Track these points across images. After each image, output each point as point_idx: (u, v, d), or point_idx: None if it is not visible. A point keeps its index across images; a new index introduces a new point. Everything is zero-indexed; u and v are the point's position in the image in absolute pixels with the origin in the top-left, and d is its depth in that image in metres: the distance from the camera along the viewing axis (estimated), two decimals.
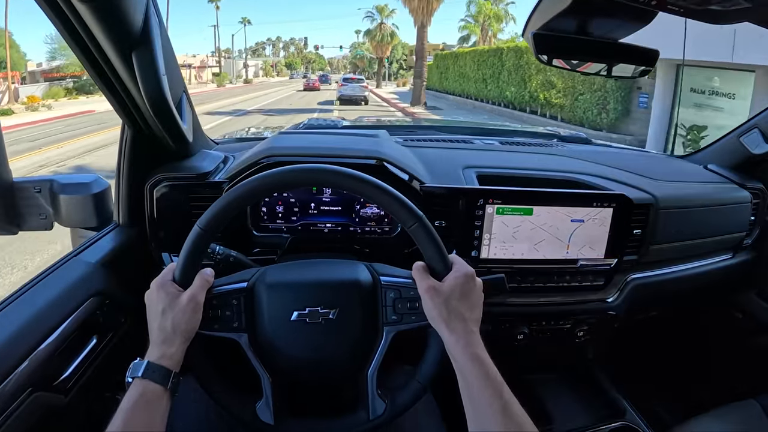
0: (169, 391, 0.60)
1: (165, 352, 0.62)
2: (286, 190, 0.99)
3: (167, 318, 0.63)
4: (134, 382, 0.59)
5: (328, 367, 0.71)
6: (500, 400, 0.57)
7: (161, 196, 0.96)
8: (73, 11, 0.67)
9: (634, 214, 1.07)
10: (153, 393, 0.59)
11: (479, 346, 0.62)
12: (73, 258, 0.90)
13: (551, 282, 1.06)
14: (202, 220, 0.65)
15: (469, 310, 0.64)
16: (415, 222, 0.65)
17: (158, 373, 0.60)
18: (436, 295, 0.64)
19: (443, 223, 0.98)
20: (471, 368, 0.59)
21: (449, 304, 0.63)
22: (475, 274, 0.67)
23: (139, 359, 0.61)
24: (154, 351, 0.62)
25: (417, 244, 0.66)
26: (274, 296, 0.68)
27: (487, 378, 0.58)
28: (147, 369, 0.60)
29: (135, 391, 0.58)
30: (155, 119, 0.84)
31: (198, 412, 0.83)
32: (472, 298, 0.65)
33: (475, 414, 0.58)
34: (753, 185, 1.32)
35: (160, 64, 0.76)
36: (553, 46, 0.93)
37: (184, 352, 0.64)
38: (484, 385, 0.58)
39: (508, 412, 0.56)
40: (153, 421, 0.58)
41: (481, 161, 1.14)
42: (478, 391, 0.58)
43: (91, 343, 0.81)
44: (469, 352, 0.60)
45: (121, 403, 0.58)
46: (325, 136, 1.25)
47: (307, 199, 1.01)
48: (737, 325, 1.42)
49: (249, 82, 44.57)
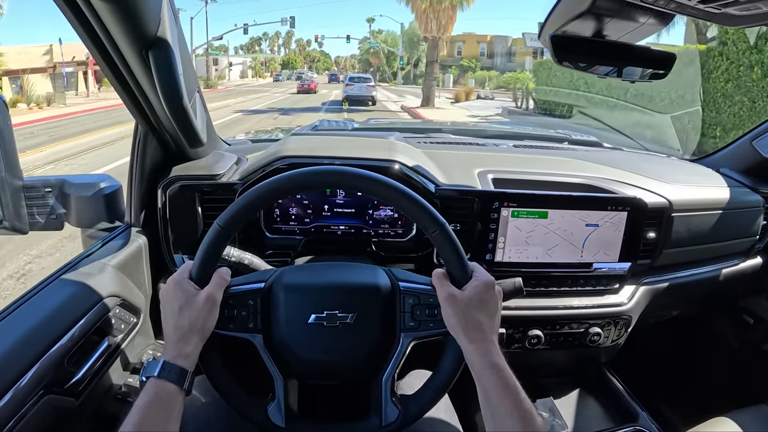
0: (183, 391, 0.59)
1: (181, 351, 0.61)
2: (307, 191, 0.98)
3: (184, 316, 0.62)
4: (149, 381, 0.58)
5: (342, 372, 0.70)
6: (520, 410, 0.56)
7: (174, 196, 0.96)
8: (90, 9, 0.66)
9: (649, 217, 1.07)
10: (168, 393, 0.58)
11: (498, 355, 0.61)
12: (84, 259, 0.89)
13: (565, 286, 1.06)
14: (222, 218, 0.64)
15: (488, 318, 0.63)
16: (437, 229, 0.65)
17: (174, 372, 0.59)
18: (455, 303, 0.63)
19: (458, 226, 0.97)
20: (489, 377, 0.59)
21: (468, 312, 0.63)
22: (494, 282, 0.66)
23: (154, 358, 0.61)
24: (169, 350, 0.61)
25: (438, 250, 0.66)
26: (291, 298, 0.67)
27: (506, 387, 0.58)
28: (163, 368, 0.59)
29: (150, 391, 0.58)
30: (170, 119, 0.83)
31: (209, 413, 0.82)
32: (492, 306, 0.65)
33: (495, 424, 0.57)
34: (765, 189, 1.32)
35: (177, 63, 0.75)
36: (570, 48, 0.92)
37: (199, 352, 0.63)
38: (503, 394, 0.57)
39: (529, 424, 0.55)
40: (167, 421, 0.57)
41: (495, 164, 1.14)
42: (497, 400, 0.57)
43: (103, 345, 0.80)
44: (487, 361, 0.60)
45: (136, 403, 0.57)
46: (338, 137, 1.25)
47: (320, 200, 1.00)
48: (748, 329, 1.41)
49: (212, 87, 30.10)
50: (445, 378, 0.68)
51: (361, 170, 0.66)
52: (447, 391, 0.69)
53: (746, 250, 1.31)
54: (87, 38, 0.72)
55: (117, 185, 1.03)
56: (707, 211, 1.19)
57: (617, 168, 1.20)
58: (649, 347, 1.47)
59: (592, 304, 1.07)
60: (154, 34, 0.72)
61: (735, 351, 1.47)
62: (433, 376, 0.69)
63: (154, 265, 0.98)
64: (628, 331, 1.13)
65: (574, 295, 1.07)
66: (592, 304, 1.07)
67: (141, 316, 0.91)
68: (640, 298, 1.12)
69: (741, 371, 1.46)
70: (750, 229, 1.29)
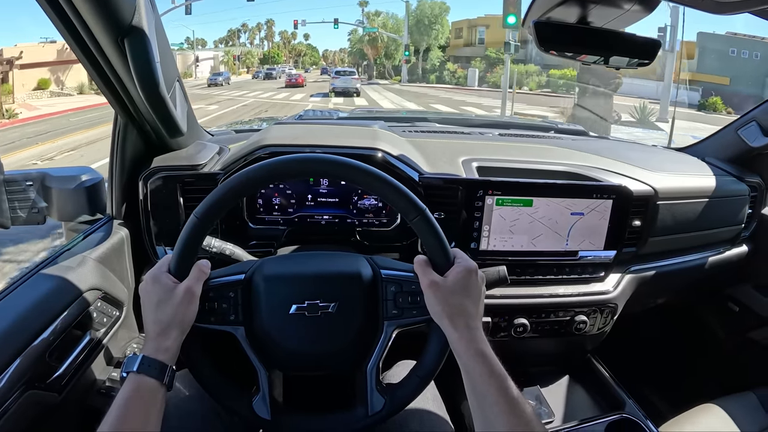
0: (164, 386, 0.59)
1: (160, 345, 0.60)
2: (285, 181, 0.97)
3: (163, 310, 0.61)
4: (129, 377, 0.58)
5: (326, 362, 0.70)
6: (506, 396, 0.56)
7: (155, 188, 0.95)
8: None
9: (634, 205, 1.07)
10: (148, 388, 0.58)
11: (483, 341, 0.61)
12: (65, 252, 0.88)
13: (551, 274, 1.06)
14: (198, 210, 0.63)
15: (471, 305, 0.63)
16: (417, 215, 0.64)
17: (153, 367, 0.58)
18: (438, 290, 0.63)
19: (442, 215, 0.97)
20: (474, 365, 0.59)
21: (451, 299, 0.62)
22: (477, 268, 0.66)
23: (134, 353, 0.60)
24: (149, 345, 0.61)
25: (419, 237, 0.65)
26: (272, 289, 0.67)
27: (491, 375, 0.57)
28: (142, 363, 0.58)
29: (130, 387, 0.57)
30: (149, 108, 0.82)
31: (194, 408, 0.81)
32: (474, 292, 0.64)
33: (481, 412, 0.57)
34: (751, 178, 1.33)
35: (154, 51, 0.74)
36: (554, 35, 0.92)
37: (180, 346, 0.62)
38: (489, 382, 0.57)
39: (516, 411, 0.55)
40: (148, 416, 0.57)
41: (480, 152, 1.13)
42: (483, 388, 0.57)
43: (85, 339, 0.79)
44: (472, 348, 0.60)
45: (116, 399, 0.56)
46: (321, 126, 1.24)
47: (303, 190, 1.00)
48: (734, 317, 1.43)
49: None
50: (430, 366, 0.68)
51: (340, 158, 0.65)
52: (432, 378, 0.69)
53: (732, 239, 1.32)
54: (62, 27, 0.71)
55: (98, 178, 1.02)
56: (692, 200, 1.19)
57: (603, 156, 1.21)
58: (635, 335, 1.48)
59: (577, 292, 1.08)
60: (129, 22, 0.71)
61: (721, 339, 1.48)
62: (418, 364, 0.69)
63: (137, 257, 0.97)
64: (614, 319, 1.13)
65: (560, 284, 1.07)
66: (578, 292, 1.08)
67: (124, 309, 0.90)
68: (625, 286, 1.13)
69: (727, 359, 1.48)
70: (735, 217, 1.29)
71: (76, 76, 19.19)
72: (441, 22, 29.54)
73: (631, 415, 1.05)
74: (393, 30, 33.49)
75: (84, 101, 15.20)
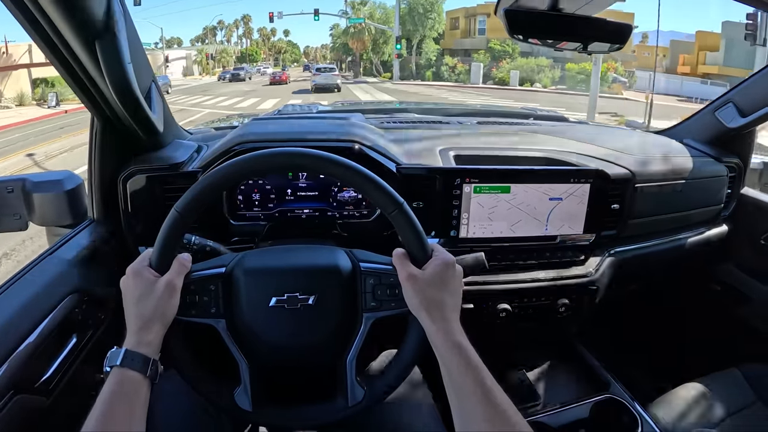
0: (148, 379, 0.60)
1: (143, 338, 0.61)
2: (263, 175, 0.98)
3: (144, 304, 0.62)
4: (112, 371, 0.58)
5: (306, 354, 0.71)
6: (482, 387, 0.57)
7: (135, 188, 0.95)
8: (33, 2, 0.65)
9: (612, 189, 1.08)
10: (132, 381, 0.58)
11: (459, 333, 0.62)
12: (48, 256, 0.88)
13: (531, 259, 1.08)
14: (179, 204, 0.64)
15: (449, 297, 0.64)
16: (395, 208, 0.65)
17: (137, 360, 0.59)
18: (415, 283, 0.64)
19: (421, 204, 0.98)
20: (451, 357, 0.59)
21: (429, 292, 0.63)
22: (455, 261, 0.67)
23: (116, 348, 0.60)
24: (131, 338, 0.61)
25: (397, 230, 0.66)
26: (252, 282, 0.68)
27: (468, 366, 0.58)
28: (125, 357, 0.59)
29: (114, 381, 0.58)
30: (123, 109, 0.82)
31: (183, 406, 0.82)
32: (452, 285, 0.65)
33: (459, 403, 0.58)
34: (729, 159, 1.34)
35: (125, 52, 0.74)
36: (525, 22, 0.92)
37: (162, 339, 0.63)
38: (465, 372, 0.58)
39: (491, 400, 0.56)
40: (133, 410, 0.57)
41: (457, 141, 1.14)
42: (460, 378, 0.58)
43: (72, 342, 0.80)
44: (450, 341, 0.60)
45: (100, 393, 0.57)
46: (299, 120, 1.24)
47: (283, 185, 1.00)
48: (717, 296, 1.45)
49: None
50: (410, 356, 0.69)
51: (317, 151, 0.66)
52: (412, 368, 0.70)
53: (712, 219, 1.34)
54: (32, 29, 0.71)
55: (79, 181, 1.02)
56: (671, 182, 1.21)
57: (581, 141, 1.22)
58: (619, 317, 1.50)
59: (558, 276, 1.09)
60: (100, 24, 0.71)
61: (704, 318, 1.51)
62: (397, 355, 0.70)
63: (120, 259, 0.98)
64: (596, 302, 1.15)
65: (540, 268, 1.09)
66: (559, 276, 1.09)
67: (108, 310, 0.91)
68: (606, 268, 1.14)
69: (711, 338, 1.50)
70: (714, 197, 1.31)
71: (14, 85, 16.59)
72: (437, 10, 26.60)
73: (616, 395, 1.07)
74: (381, 21, 30.11)
75: (22, 115, 12.93)
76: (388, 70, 29.22)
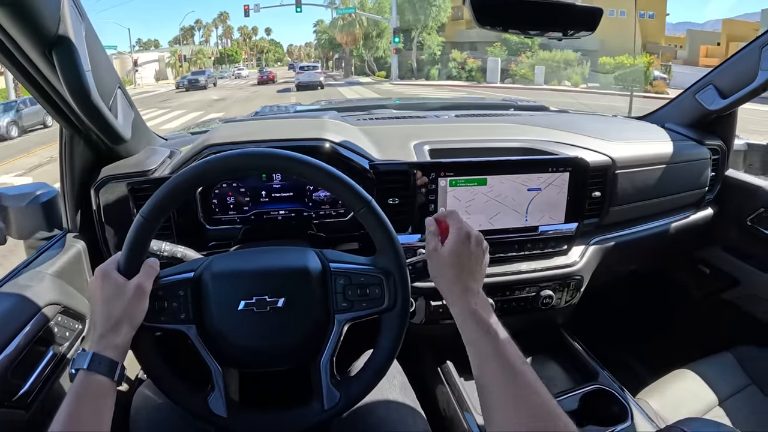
0: (115, 382, 0.59)
1: (110, 342, 0.60)
2: (229, 177, 0.97)
3: (113, 307, 0.61)
4: (79, 374, 0.57)
5: (279, 357, 0.70)
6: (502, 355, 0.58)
7: (107, 196, 0.94)
8: None
9: (592, 176, 1.07)
10: (99, 385, 0.57)
11: (478, 304, 0.64)
12: (23, 269, 0.88)
13: (513, 251, 1.07)
14: (144, 210, 0.63)
15: (467, 271, 0.67)
16: (362, 206, 0.64)
17: (104, 364, 0.58)
18: (436, 257, 0.68)
19: (396, 201, 0.97)
20: (469, 324, 0.62)
21: (448, 266, 0.67)
22: (473, 232, 0.70)
23: (83, 350, 0.59)
24: (98, 342, 0.60)
25: (366, 228, 0.65)
26: (220, 286, 0.67)
27: (487, 332, 0.60)
28: (92, 361, 0.58)
29: (80, 384, 0.57)
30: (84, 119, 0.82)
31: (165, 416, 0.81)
32: (471, 258, 0.68)
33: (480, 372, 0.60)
34: (711, 141, 1.33)
35: (82, 61, 0.73)
36: (492, 10, 0.91)
37: (130, 343, 0.62)
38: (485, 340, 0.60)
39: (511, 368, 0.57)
40: (100, 414, 0.56)
41: (432, 135, 1.13)
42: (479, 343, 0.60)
43: (48, 355, 0.79)
44: (467, 310, 0.63)
45: (66, 397, 0.56)
46: (270, 121, 1.23)
47: (257, 187, 0.99)
48: (705, 280, 1.44)
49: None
50: (384, 357, 0.68)
51: (283, 151, 0.65)
52: (387, 370, 0.69)
53: (696, 202, 1.33)
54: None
55: (53, 192, 1.02)
56: (652, 167, 1.20)
57: (560, 130, 1.21)
58: (606, 306, 1.48)
59: (541, 267, 1.08)
60: (55, 33, 0.71)
61: (693, 303, 1.50)
62: (372, 356, 0.69)
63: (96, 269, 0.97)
64: (581, 291, 1.14)
65: (523, 260, 1.08)
66: (542, 267, 1.08)
67: (86, 322, 0.90)
68: (590, 257, 1.13)
69: (701, 322, 1.49)
70: (698, 181, 1.30)
71: None
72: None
73: (605, 385, 1.06)
74: (374, 10, 25.95)
75: None
76: (382, 68, 26.92)
